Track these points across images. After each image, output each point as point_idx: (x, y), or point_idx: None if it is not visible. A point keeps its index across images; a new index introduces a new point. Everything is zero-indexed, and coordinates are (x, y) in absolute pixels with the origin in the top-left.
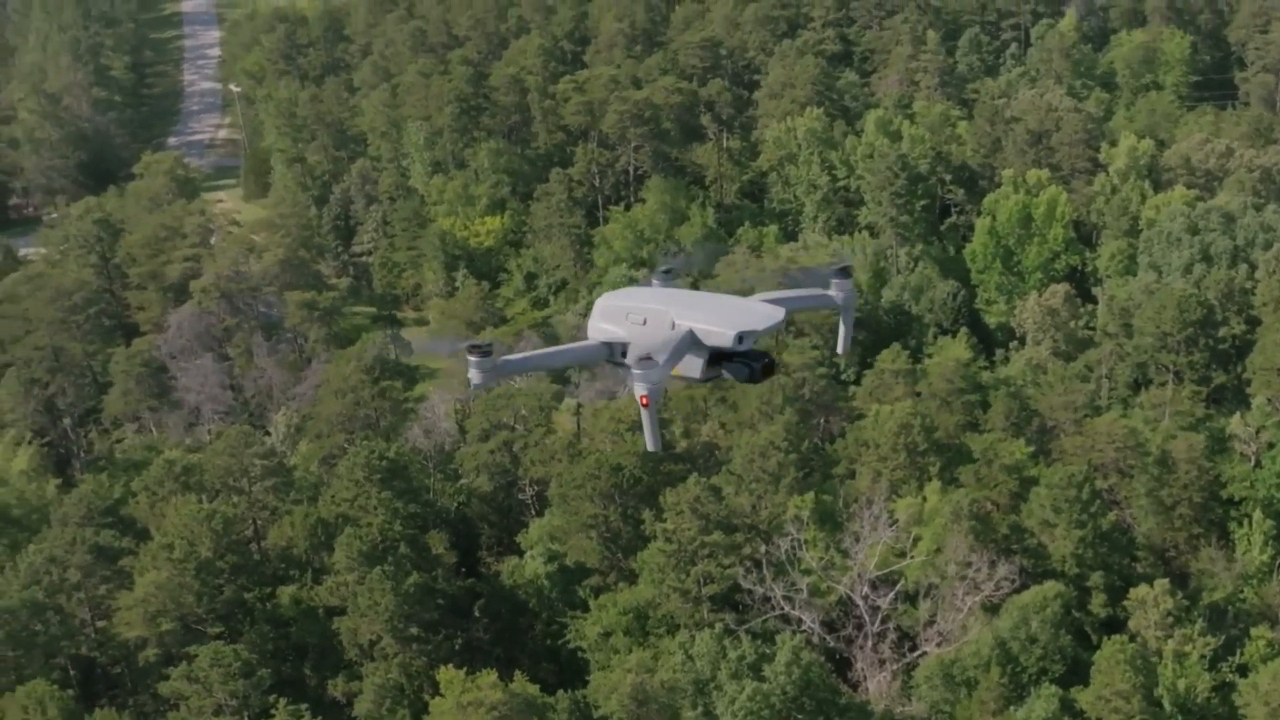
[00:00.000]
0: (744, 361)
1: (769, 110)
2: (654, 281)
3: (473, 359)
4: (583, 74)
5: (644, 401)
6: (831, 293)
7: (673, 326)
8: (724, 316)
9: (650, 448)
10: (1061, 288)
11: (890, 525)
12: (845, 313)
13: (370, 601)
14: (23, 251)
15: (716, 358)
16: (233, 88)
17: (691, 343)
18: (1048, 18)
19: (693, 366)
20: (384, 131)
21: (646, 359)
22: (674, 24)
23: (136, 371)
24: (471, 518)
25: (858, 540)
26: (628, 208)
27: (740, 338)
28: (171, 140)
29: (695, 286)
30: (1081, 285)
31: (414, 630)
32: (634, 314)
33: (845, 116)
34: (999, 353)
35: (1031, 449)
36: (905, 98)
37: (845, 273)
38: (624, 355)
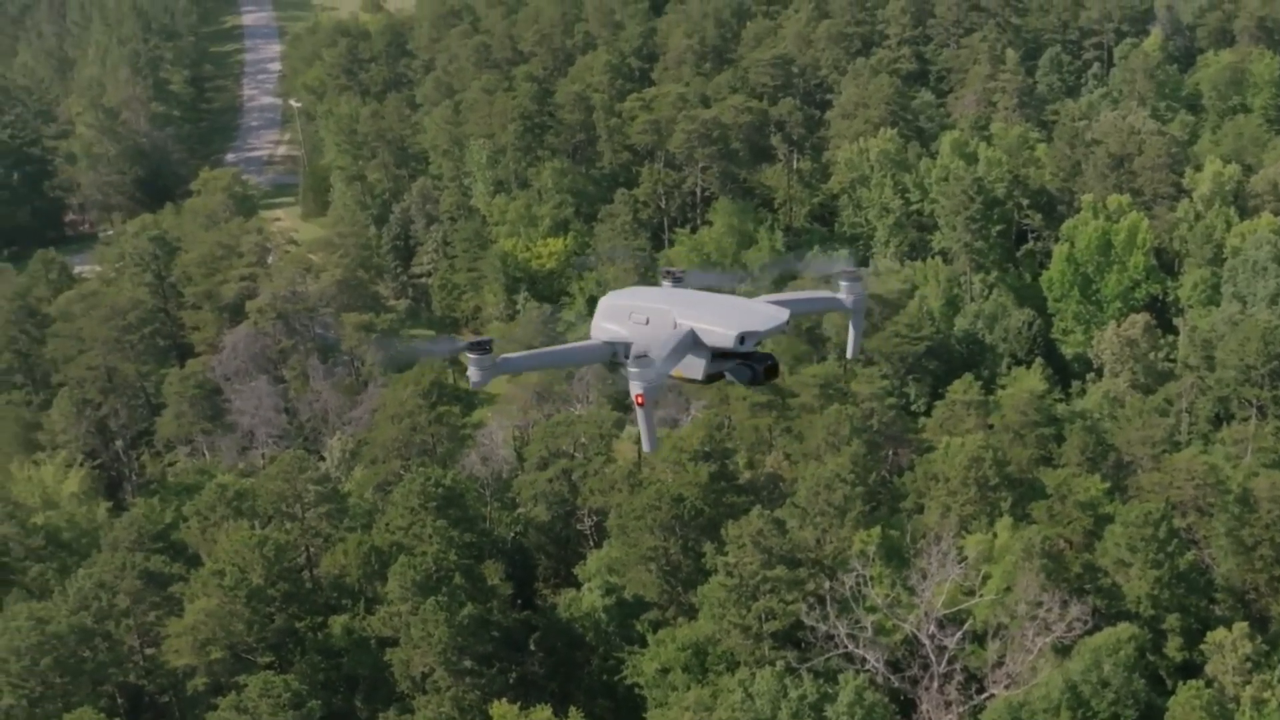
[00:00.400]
0: (747, 363)
1: (841, 130)
2: (664, 283)
3: (472, 356)
4: (650, 92)
5: (639, 401)
6: (841, 295)
7: (675, 326)
8: (726, 317)
9: (647, 449)
10: (1141, 318)
11: (959, 562)
12: (855, 316)
13: (423, 633)
14: (78, 269)
15: (719, 359)
16: (293, 103)
17: (693, 343)
18: (1132, 37)
19: (695, 367)
20: (446, 149)
21: (643, 357)
22: (745, 40)
23: (190, 393)
24: (528, 548)
25: (925, 577)
26: (694, 230)
27: (742, 338)
28: (230, 156)
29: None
30: (1162, 315)
31: (468, 663)
32: (637, 313)
33: (920, 138)
34: (1075, 384)
35: (1107, 485)
36: (982, 119)
37: (855, 275)
38: (627, 355)
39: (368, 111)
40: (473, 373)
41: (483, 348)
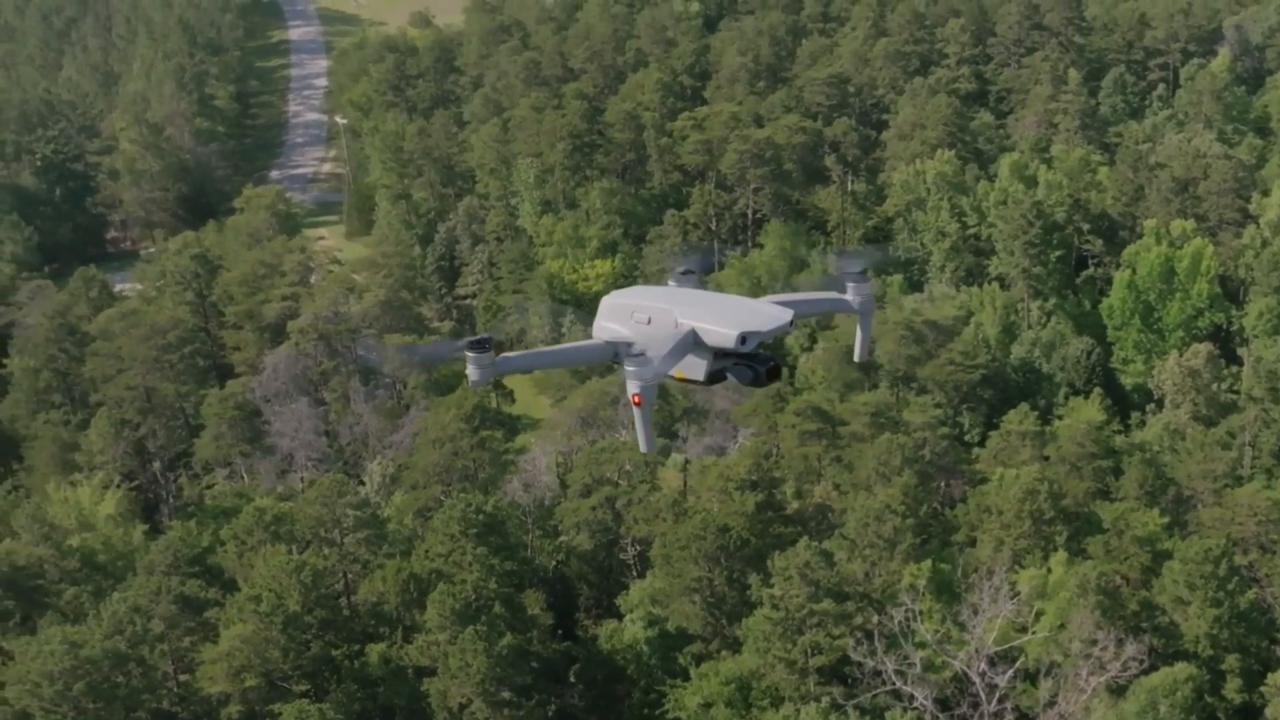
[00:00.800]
0: (748, 364)
1: (897, 152)
2: (670, 282)
3: (471, 354)
4: (702, 110)
5: (636, 400)
6: (848, 297)
7: (676, 326)
8: (727, 316)
9: (644, 449)
10: (1204, 347)
11: (1011, 598)
12: (863, 318)
13: (462, 663)
14: (119, 287)
15: (721, 359)
16: (338, 119)
17: (693, 342)
18: (1199, 57)
19: (696, 368)
20: (493, 168)
21: (641, 356)
22: (800, 59)
23: (229, 415)
24: (570, 577)
25: (976, 613)
26: (745, 253)
27: (743, 338)
28: (274, 173)
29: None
30: (1226, 345)
31: (506, 694)
32: (639, 313)
33: (978, 160)
34: (1135, 416)
35: (1166, 520)
36: (1043, 140)
37: (862, 276)
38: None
39: (414, 129)
40: (472, 371)
41: (482, 346)
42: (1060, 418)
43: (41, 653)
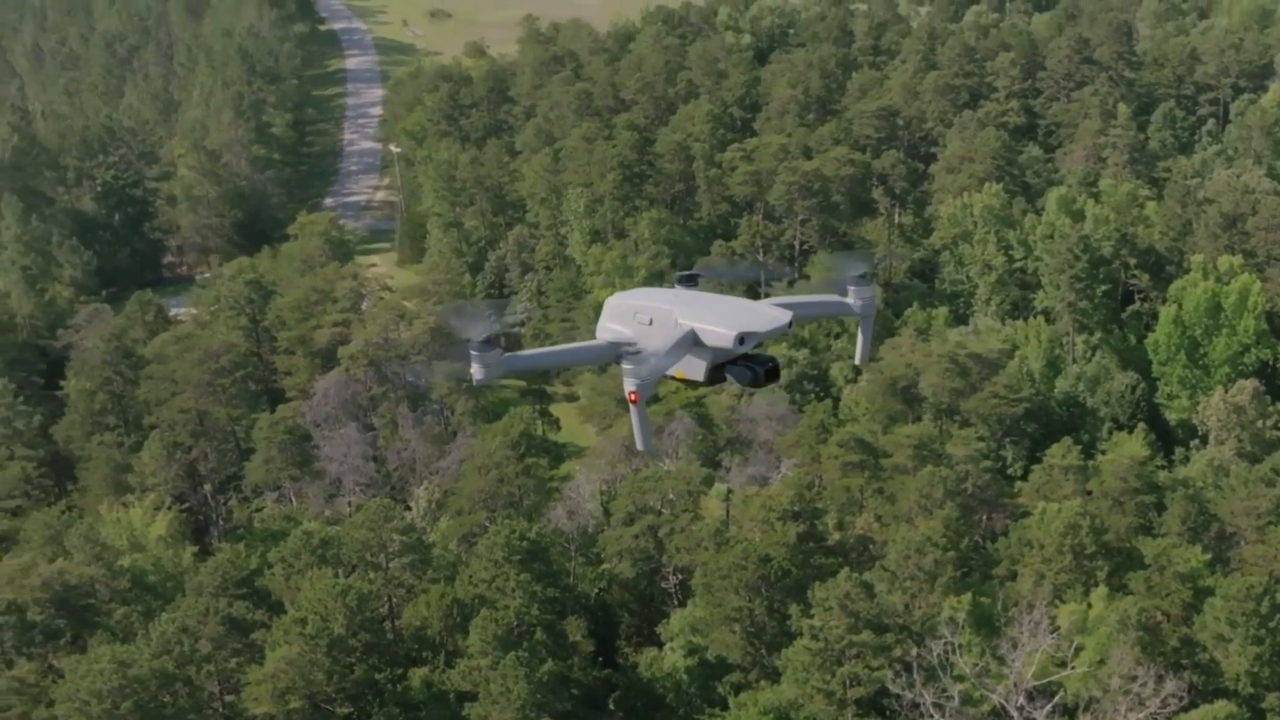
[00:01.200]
0: (747, 365)
1: (945, 185)
2: (676, 285)
3: (475, 353)
4: (751, 142)
5: (632, 398)
6: (849, 300)
7: (677, 326)
8: (726, 317)
9: (640, 448)
10: (1250, 384)
11: (1051, 632)
12: (864, 321)
13: (503, 688)
14: (174, 311)
15: (721, 360)
16: (392, 148)
17: (691, 342)
18: (1249, 93)
19: (696, 369)
20: (544, 197)
21: (638, 354)
22: (849, 91)
23: (279, 439)
24: (611, 605)
25: (1015, 647)
26: (791, 284)
27: (741, 339)
28: (328, 200)
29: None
30: (1272, 382)
31: None
32: (641, 313)
33: (1026, 193)
34: (1178, 451)
35: (1208, 557)
36: (1091, 175)
37: (863, 279)
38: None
39: (467, 158)
40: (476, 369)
41: (486, 344)
42: (1103, 452)
43: (91, 671)
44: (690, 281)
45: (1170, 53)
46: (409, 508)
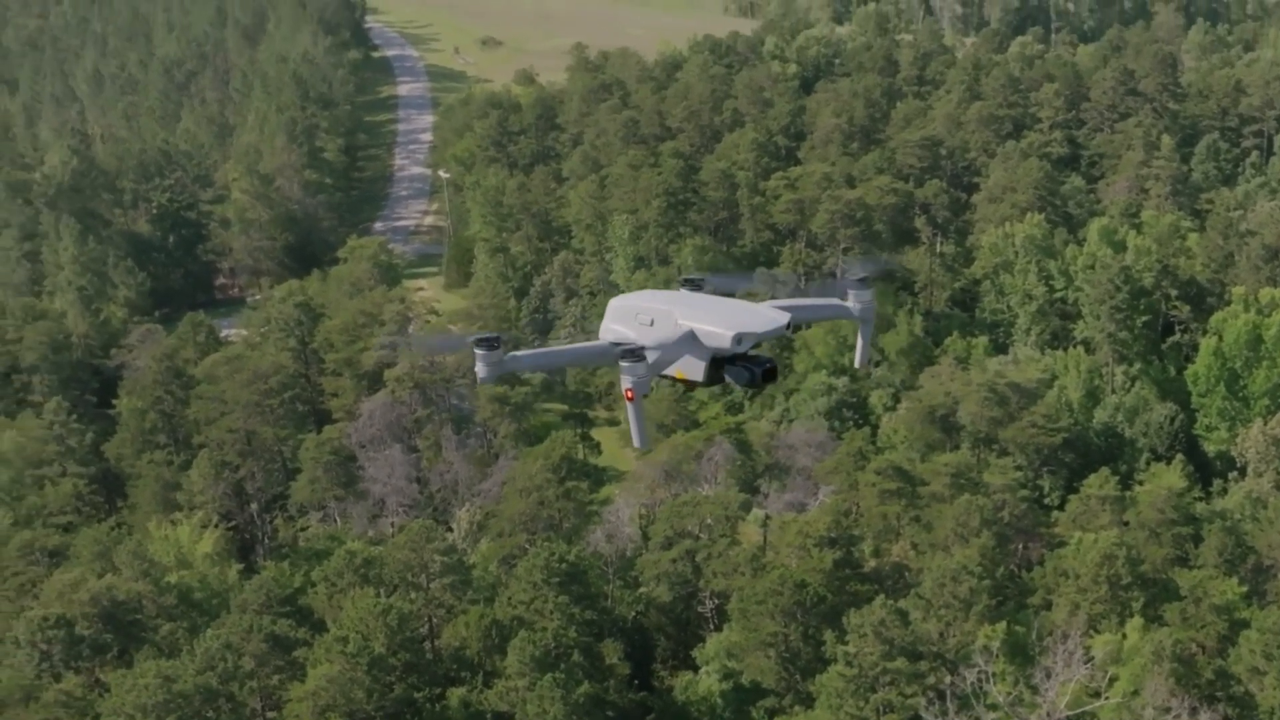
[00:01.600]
0: (745, 365)
1: (987, 214)
2: (681, 289)
3: (479, 352)
4: (795, 170)
5: (629, 396)
6: (849, 304)
7: (677, 326)
8: (724, 318)
9: (636, 444)
10: None
11: (1085, 662)
12: (863, 325)
13: (539, 709)
14: (225, 332)
15: (719, 361)
16: (441, 173)
17: (689, 343)
18: None
19: (695, 369)
20: (589, 224)
21: (634, 352)
22: (894, 121)
23: (325, 459)
24: (648, 628)
25: (1049, 676)
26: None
27: (739, 339)
28: (377, 225)
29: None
30: None
31: None
32: (643, 314)
33: (1067, 224)
34: (1216, 483)
35: (1245, 589)
36: (1133, 206)
37: (864, 283)
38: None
39: (514, 184)
40: (480, 369)
41: (490, 344)
42: (1141, 483)
43: (136, 686)
44: (695, 286)
45: (1215, 85)
46: (450, 529)
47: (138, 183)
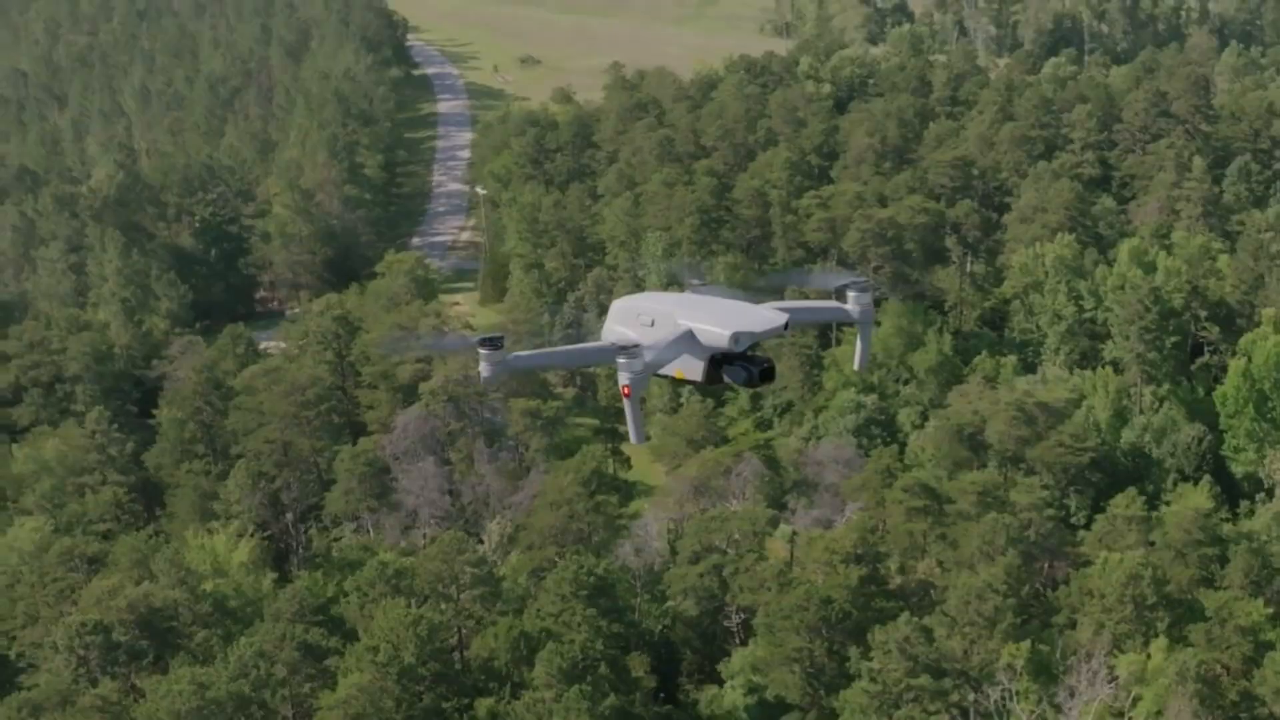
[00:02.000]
0: (744, 365)
1: (1017, 234)
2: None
3: (483, 351)
4: (828, 189)
5: (625, 392)
6: (848, 306)
7: (677, 326)
8: (723, 318)
9: (634, 440)
10: None
11: (1109, 682)
12: (862, 327)
13: None
14: (264, 345)
15: (718, 360)
16: (479, 190)
17: (688, 342)
18: None
19: (694, 368)
20: (623, 240)
21: (632, 350)
22: (926, 141)
23: (360, 471)
24: (674, 642)
25: (1073, 695)
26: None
27: (736, 338)
28: (415, 240)
29: None
30: None
31: None
32: (644, 315)
33: (1098, 244)
34: (1244, 504)
35: (1270, 610)
36: (1164, 227)
37: (863, 286)
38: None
39: (550, 200)
40: (484, 368)
41: (494, 344)
42: (1168, 503)
43: (170, 692)
44: (699, 288)
45: (1247, 107)
46: (481, 541)
47: (182, 197)
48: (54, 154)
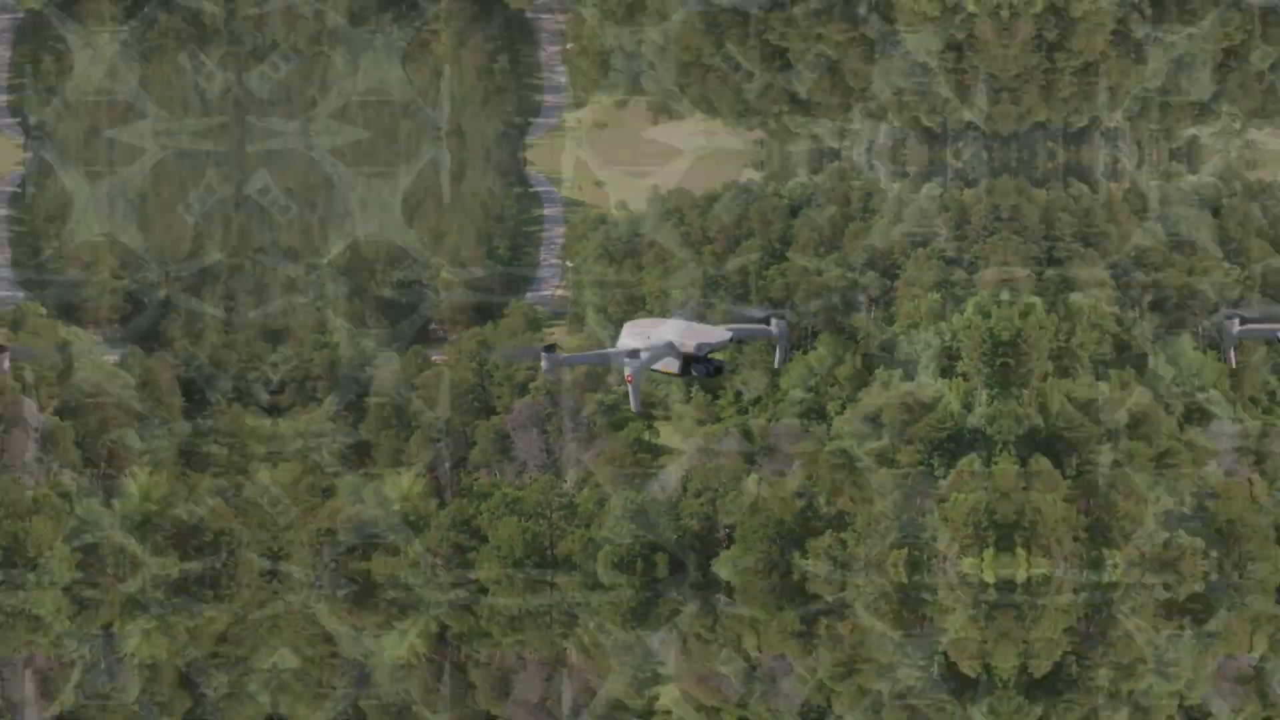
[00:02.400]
0: (704, 364)
1: (905, 293)
2: (675, 317)
3: (545, 354)
4: (784, 264)
5: (629, 379)
6: (770, 328)
7: (663, 339)
8: (691, 335)
9: (634, 409)
10: None
11: None
12: (781, 340)
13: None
14: (434, 358)
15: (688, 360)
16: (567, 263)
17: (671, 348)
18: None
19: (673, 366)
20: (656, 295)
21: (633, 353)
22: (847, 235)
23: (490, 436)
24: (684, 546)
25: None
26: (805, 351)
27: (699, 347)
28: (528, 295)
29: None
30: None
31: None
32: (642, 332)
33: (955, 301)
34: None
35: None
36: (998, 288)
37: (780, 316)
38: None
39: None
40: (545, 364)
41: (550, 349)
42: (997, 464)
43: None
44: (684, 313)
45: None
46: (565, 482)
47: (387, 266)
48: None
